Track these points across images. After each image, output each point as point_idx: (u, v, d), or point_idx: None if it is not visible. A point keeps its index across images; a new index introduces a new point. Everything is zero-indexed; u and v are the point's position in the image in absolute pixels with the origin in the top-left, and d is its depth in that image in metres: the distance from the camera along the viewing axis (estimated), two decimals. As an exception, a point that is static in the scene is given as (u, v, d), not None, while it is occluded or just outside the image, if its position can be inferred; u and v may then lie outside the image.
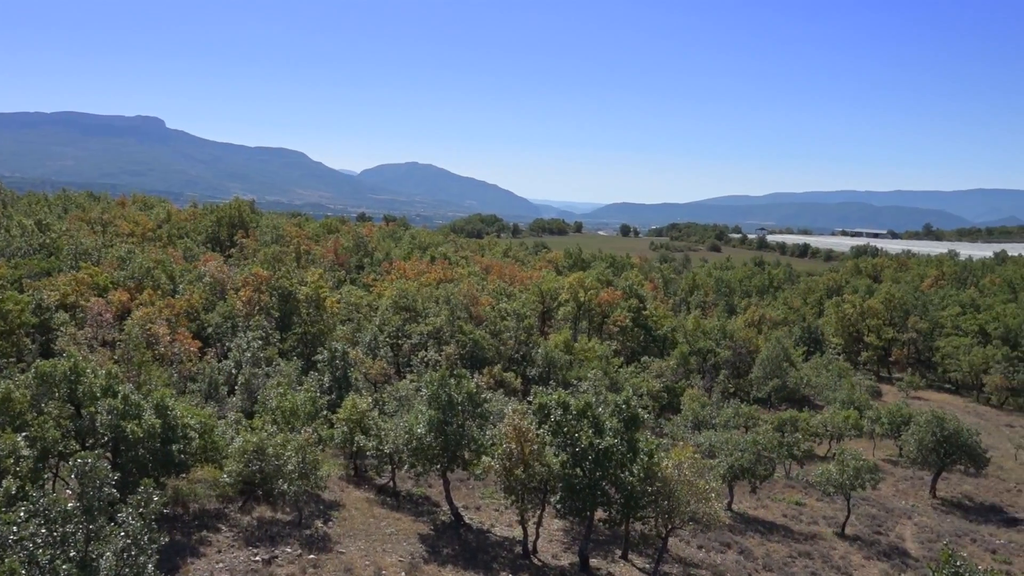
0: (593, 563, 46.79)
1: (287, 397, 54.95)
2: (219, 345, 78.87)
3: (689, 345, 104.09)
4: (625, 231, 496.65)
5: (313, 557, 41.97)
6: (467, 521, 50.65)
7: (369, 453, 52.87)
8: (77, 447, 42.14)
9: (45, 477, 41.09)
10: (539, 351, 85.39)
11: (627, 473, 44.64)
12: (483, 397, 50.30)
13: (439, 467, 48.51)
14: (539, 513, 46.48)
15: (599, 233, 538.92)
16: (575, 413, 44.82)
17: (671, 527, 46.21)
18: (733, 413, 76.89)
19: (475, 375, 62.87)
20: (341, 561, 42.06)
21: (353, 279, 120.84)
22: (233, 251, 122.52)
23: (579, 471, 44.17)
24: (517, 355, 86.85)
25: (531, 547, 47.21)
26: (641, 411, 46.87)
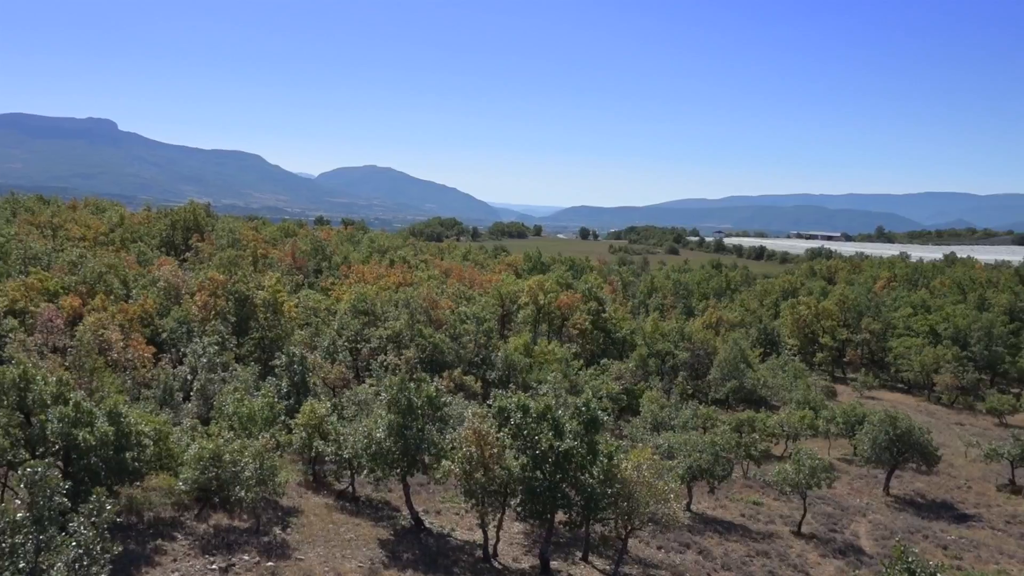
0: (554, 565, 46.87)
1: (244, 403, 54.25)
2: (174, 351, 77.67)
3: (648, 347, 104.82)
4: (584, 234, 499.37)
5: (271, 564, 41.48)
6: (427, 525, 50.45)
7: (328, 458, 52.42)
8: (27, 456, 41.12)
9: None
10: (499, 354, 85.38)
11: (587, 475, 44.79)
12: (443, 401, 50.18)
13: (399, 471, 48.24)
14: (500, 516, 46.45)
15: (558, 236, 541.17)
16: (535, 416, 44.85)
17: (631, 528, 46.47)
18: (691, 414, 77.58)
19: (435, 379, 62.71)
20: (300, 568, 41.63)
21: (311, 283, 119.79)
22: (188, 255, 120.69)
23: (539, 474, 44.22)
24: (477, 358, 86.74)
25: (492, 550, 47.15)
26: (601, 413, 47.03)
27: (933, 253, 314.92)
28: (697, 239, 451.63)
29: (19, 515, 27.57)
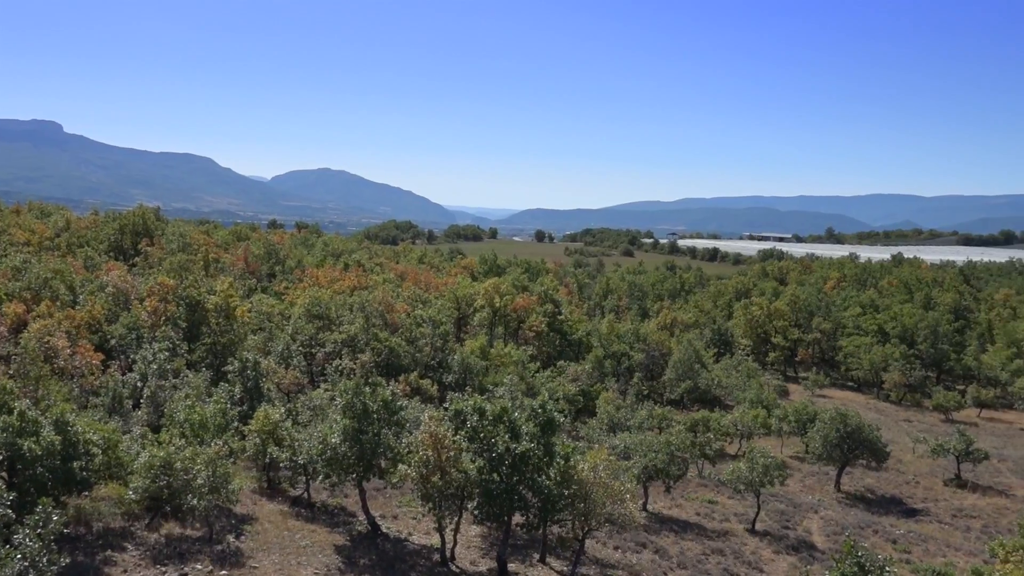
0: (511, 568, 46.86)
1: (196, 409, 53.39)
2: (123, 357, 76.15)
3: (604, 349, 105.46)
4: (540, 237, 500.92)
5: (225, 573, 40.89)
6: (384, 530, 50.13)
7: (282, 464, 51.80)
8: (-31, 467, 40.08)
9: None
10: (455, 357, 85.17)
11: (544, 477, 44.87)
12: (399, 405, 49.85)
13: (355, 476, 47.88)
14: (457, 520, 46.33)
15: (514, 239, 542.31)
16: (491, 418, 44.83)
17: (588, 529, 46.65)
18: (647, 415, 78.14)
19: (391, 383, 62.44)
20: (254, 576, 41.11)
21: (264, 287, 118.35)
22: (138, 260, 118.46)
23: (496, 476, 44.22)
24: (433, 362, 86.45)
25: (449, 554, 47.03)
26: (557, 415, 47.15)
27: (881, 253, 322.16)
28: (652, 241, 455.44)
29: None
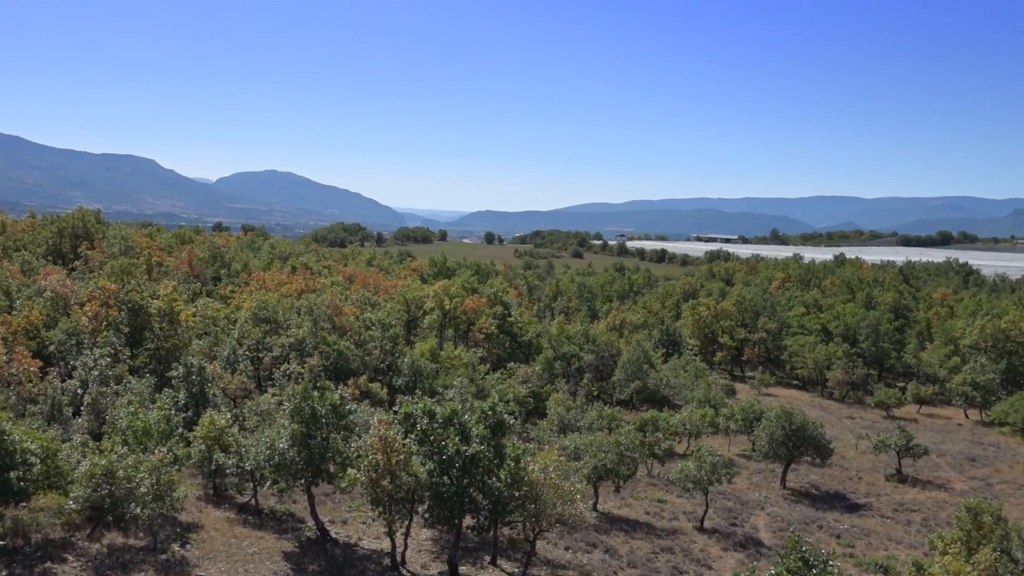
0: (462, 571, 46.75)
1: (139, 416, 52.29)
2: (63, 364, 74.21)
3: (553, 350, 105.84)
4: (490, 239, 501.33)
5: (169, 583, 40.08)
6: (334, 536, 49.63)
7: (229, 471, 50.96)
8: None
9: None
10: (405, 360, 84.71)
11: (494, 479, 44.88)
12: (348, 409, 49.41)
13: (303, 482, 47.34)
14: (407, 523, 46.08)
15: (464, 241, 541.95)
16: (441, 421, 44.70)
17: (539, 530, 46.76)
18: (597, 415, 78.63)
19: (339, 387, 61.79)
20: (200, 585, 40.36)
21: (210, 291, 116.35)
22: (78, 264, 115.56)
23: (446, 479, 44.10)
24: (383, 365, 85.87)
25: (400, 558, 46.74)
26: (507, 417, 47.21)
27: (824, 254, 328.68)
28: (601, 243, 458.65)
29: None
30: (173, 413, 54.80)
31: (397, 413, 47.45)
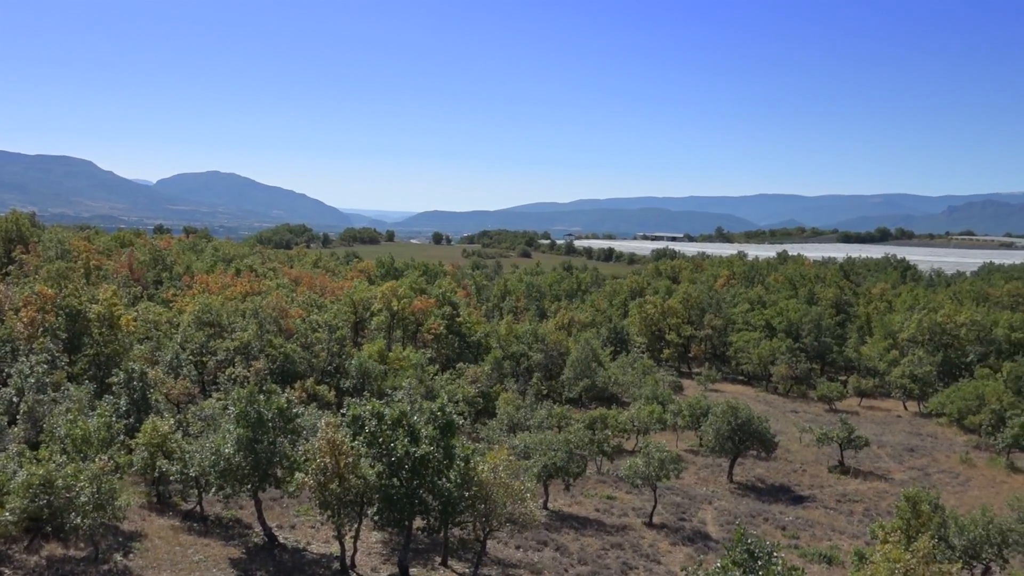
0: (413, 572, 46.54)
1: (78, 424, 51.03)
2: (-3, 371, 71.97)
3: (502, 350, 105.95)
4: (438, 239, 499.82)
5: (112, 594, 39.17)
6: (282, 541, 49.02)
7: (173, 478, 50.03)
8: None
9: None
10: (353, 362, 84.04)
11: (444, 480, 44.75)
12: (295, 412, 48.85)
13: (250, 487, 46.67)
14: (356, 526, 45.72)
15: (412, 241, 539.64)
16: (390, 423, 44.43)
17: (489, 530, 46.77)
18: (546, 414, 78.92)
19: (286, 390, 61.11)
20: (144, 595, 39.51)
21: (151, 295, 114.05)
22: (11, 269, 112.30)
23: (396, 481, 43.84)
24: (330, 367, 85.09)
25: (349, 562, 46.35)
26: (457, 417, 47.12)
27: (768, 251, 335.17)
28: (548, 242, 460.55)
29: None
30: (114, 420, 53.60)
31: (345, 415, 47.04)
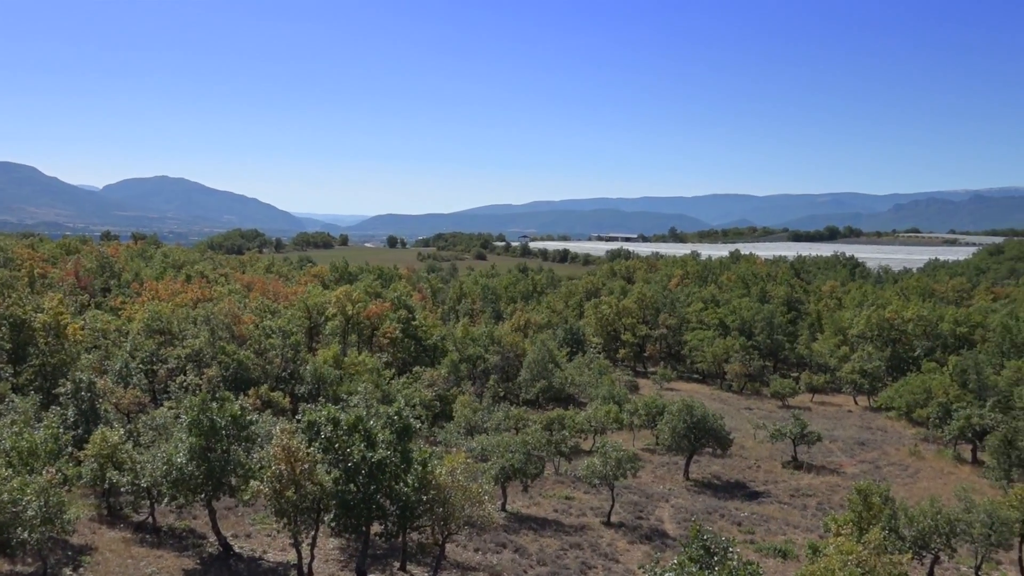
0: (371, 578, 46.20)
1: (24, 436, 49.66)
2: (-62, 384, 69.89)
3: (459, 353, 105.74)
4: (392, 243, 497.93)
5: (61, 609, 38.24)
6: (237, 550, 48.32)
7: (124, 489, 49.02)
8: None
9: None
10: (307, 368, 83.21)
11: (401, 484, 44.53)
12: (249, 419, 48.20)
13: (204, 496, 45.91)
14: (313, 533, 45.25)
15: (366, 245, 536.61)
16: (346, 428, 44.09)
17: (447, 533, 46.63)
18: (503, 416, 78.94)
19: (240, 397, 60.22)
20: (95, 610, 38.65)
21: (99, 303, 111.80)
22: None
23: (353, 486, 43.48)
24: (284, 373, 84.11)
25: (307, 569, 45.80)
26: (413, 421, 46.93)
27: (720, 251, 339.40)
28: (504, 244, 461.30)
29: None
30: (61, 431, 52.34)
31: (300, 422, 46.58)
